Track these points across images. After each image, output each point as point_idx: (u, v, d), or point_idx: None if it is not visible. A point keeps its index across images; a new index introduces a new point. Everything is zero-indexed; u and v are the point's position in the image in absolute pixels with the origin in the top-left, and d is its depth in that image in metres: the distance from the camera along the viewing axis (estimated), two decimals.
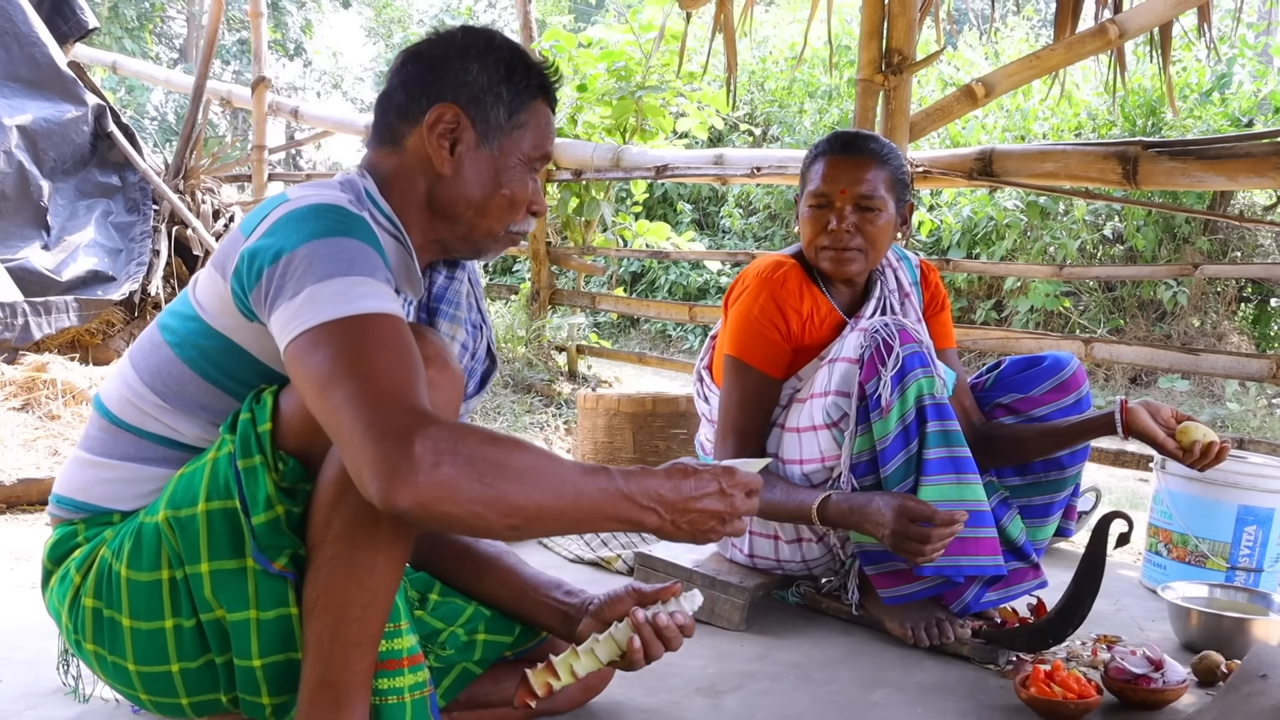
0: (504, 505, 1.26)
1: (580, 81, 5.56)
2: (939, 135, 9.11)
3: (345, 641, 1.43)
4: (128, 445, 1.59)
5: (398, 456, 1.21)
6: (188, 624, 1.50)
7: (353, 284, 1.35)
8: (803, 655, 2.24)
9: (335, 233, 1.40)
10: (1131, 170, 3.33)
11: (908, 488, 2.15)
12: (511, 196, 1.62)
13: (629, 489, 1.36)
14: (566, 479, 1.32)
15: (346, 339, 1.30)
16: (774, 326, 2.32)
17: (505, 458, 1.27)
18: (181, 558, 1.46)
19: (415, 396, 1.28)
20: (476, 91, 1.60)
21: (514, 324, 5.25)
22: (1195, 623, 2.35)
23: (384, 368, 1.29)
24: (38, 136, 4.68)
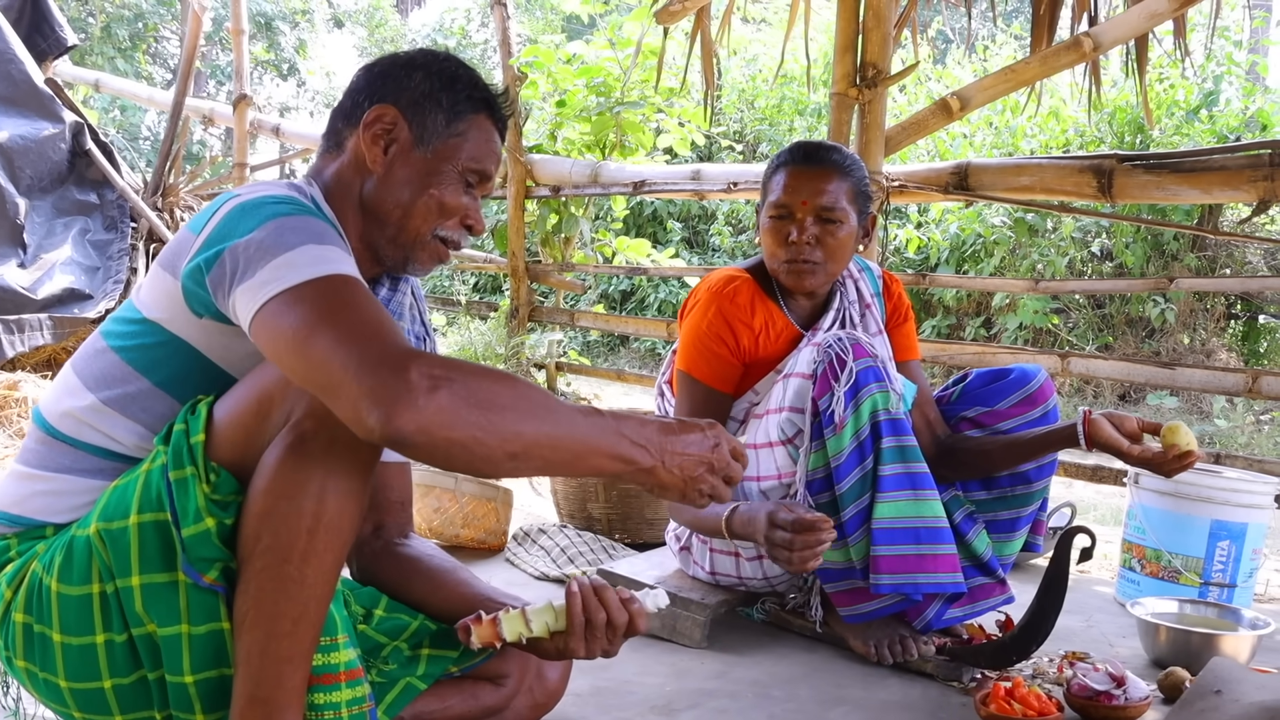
0: (503, 431, 1.25)
1: (559, 97, 5.55)
2: (929, 151, 9.12)
3: (276, 656, 1.40)
4: (63, 457, 1.56)
5: (396, 383, 1.20)
6: (119, 639, 1.46)
7: (325, 250, 1.35)
8: (763, 673, 2.21)
9: (297, 213, 1.41)
10: (1107, 184, 3.31)
11: (864, 505, 2.12)
12: (440, 199, 1.60)
13: (621, 427, 1.36)
14: (561, 411, 1.32)
15: (324, 294, 1.30)
16: (722, 342, 2.29)
17: (501, 387, 1.27)
18: (112, 571, 1.43)
19: (400, 337, 1.28)
20: (417, 96, 1.61)
21: (493, 341, 5.22)
22: (1164, 639, 2.32)
23: (367, 315, 1.28)
24: (14, 154, 4.67)
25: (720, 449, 1.45)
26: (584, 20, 13.70)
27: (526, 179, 5.35)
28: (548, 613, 1.53)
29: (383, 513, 1.87)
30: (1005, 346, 3.98)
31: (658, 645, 2.36)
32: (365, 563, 1.85)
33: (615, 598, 1.54)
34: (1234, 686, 1.52)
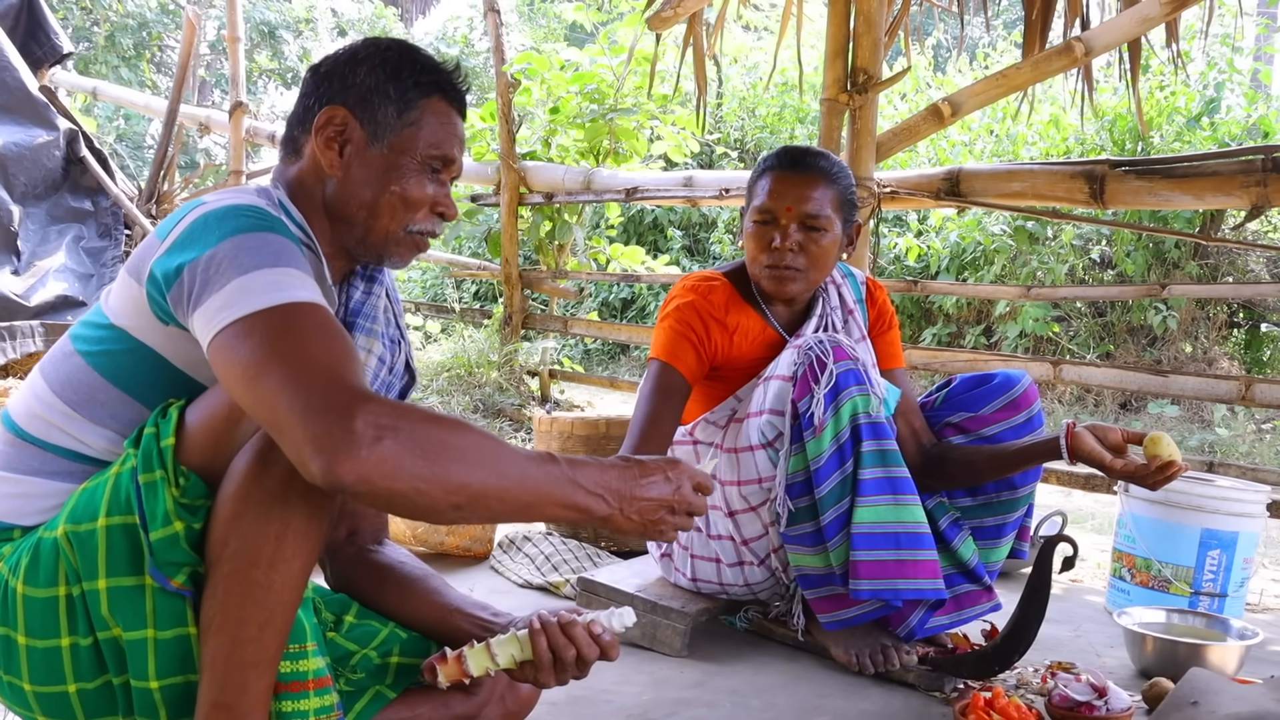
0: (448, 482, 1.23)
1: (554, 104, 5.54)
2: (930, 159, 9.10)
3: (241, 662, 1.38)
4: (32, 459, 1.55)
5: (339, 431, 1.19)
6: (84, 643, 1.45)
7: (281, 274, 1.33)
8: (743, 682, 2.18)
9: (257, 229, 1.38)
10: (1099, 189, 3.29)
11: (843, 509, 2.10)
12: (403, 194, 1.59)
13: (576, 475, 1.34)
14: (511, 461, 1.29)
15: (278, 325, 1.28)
16: (690, 329, 2.26)
17: (448, 436, 1.24)
18: (79, 574, 1.41)
19: (353, 376, 1.26)
20: (364, 92, 1.59)
21: (486, 349, 5.21)
22: (1150, 649, 2.29)
23: (318, 351, 1.26)
24: (8, 161, 4.67)
25: (682, 490, 1.43)
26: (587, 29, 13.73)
27: (520, 186, 5.34)
28: (513, 644, 1.50)
29: (357, 518, 1.85)
30: (998, 354, 3.95)
31: (638, 654, 2.34)
32: (338, 568, 1.83)
33: (583, 634, 1.51)
34: (1211, 697, 1.49)
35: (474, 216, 5.70)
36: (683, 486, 1.42)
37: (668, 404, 2.25)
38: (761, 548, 2.30)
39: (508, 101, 5.16)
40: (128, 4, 16.20)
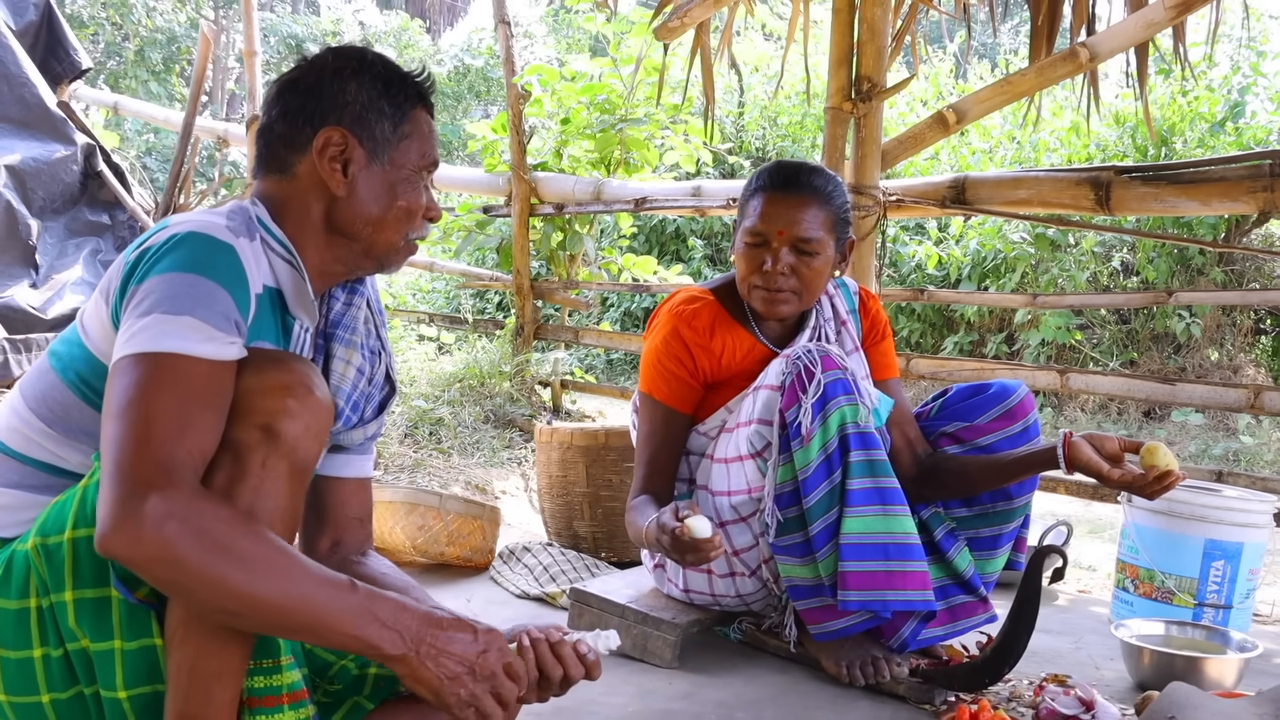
0: (220, 586, 1.26)
1: (565, 115, 5.56)
2: (952, 166, 9.05)
3: (204, 674, 1.39)
4: (12, 472, 1.57)
5: (129, 505, 1.23)
6: (56, 654, 1.46)
7: (173, 322, 1.35)
8: (731, 694, 2.17)
9: (189, 268, 1.40)
10: (1104, 196, 3.26)
11: (832, 520, 2.08)
12: (408, 207, 1.63)
13: (374, 608, 1.35)
14: (299, 582, 1.31)
15: (141, 376, 1.31)
16: (679, 363, 2.27)
17: (237, 541, 1.27)
18: (48, 586, 1.43)
19: (178, 451, 1.29)
20: (359, 110, 1.60)
21: (498, 359, 5.22)
22: (1147, 662, 2.26)
23: (161, 414, 1.29)
24: (26, 176, 4.73)
25: (487, 656, 1.42)
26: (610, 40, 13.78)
27: (531, 197, 5.35)
28: None
29: (340, 529, 1.86)
30: (1005, 364, 3.92)
31: (628, 665, 2.33)
32: None
33: (570, 654, 1.52)
34: (1190, 712, 1.47)
35: (486, 228, 5.72)
36: (488, 653, 1.41)
37: (667, 440, 2.30)
38: (752, 558, 2.28)
39: (518, 113, 5.18)
40: (157, 19, 16.41)
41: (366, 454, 1.88)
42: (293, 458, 1.39)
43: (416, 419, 4.66)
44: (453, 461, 4.38)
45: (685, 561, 1.90)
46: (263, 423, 1.37)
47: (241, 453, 1.36)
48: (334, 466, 1.83)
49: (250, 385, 1.38)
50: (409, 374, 5.38)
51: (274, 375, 1.40)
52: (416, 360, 5.60)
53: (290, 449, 1.39)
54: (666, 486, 2.31)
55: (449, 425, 4.69)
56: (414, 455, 4.31)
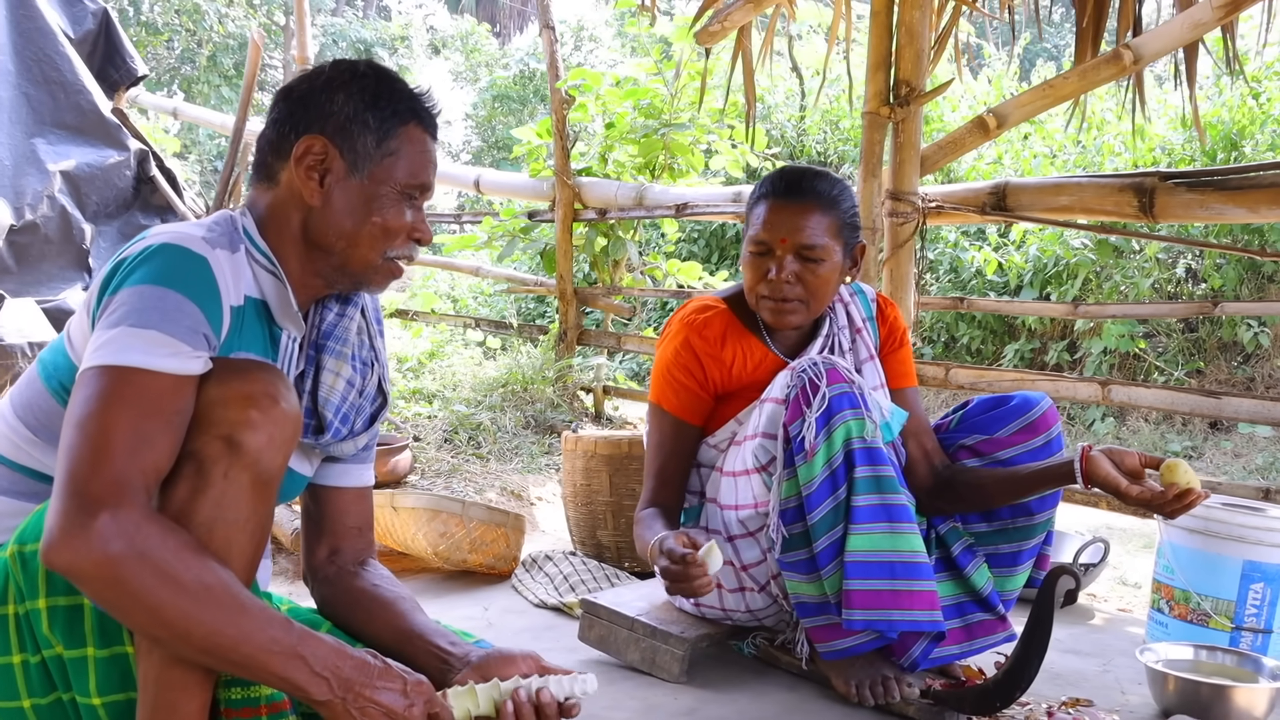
0: (156, 612, 1.28)
1: (609, 120, 5.54)
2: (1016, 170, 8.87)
3: (170, 685, 1.39)
4: (1, 479, 1.58)
5: (78, 519, 1.25)
6: (34, 660, 1.47)
7: (137, 335, 1.35)
8: (735, 711, 2.13)
9: (159, 280, 1.41)
10: (1148, 203, 3.16)
11: (837, 537, 2.03)
12: (384, 224, 1.60)
13: (306, 651, 1.36)
14: (237, 618, 1.32)
15: (101, 389, 1.32)
16: (689, 374, 2.24)
17: (182, 570, 1.28)
18: (24, 592, 1.44)
19: (131, 469, 1.30)
20: (342, 121, 1.59)
21: (541, 364, 5.21)
22: (1173, 688, 2.18)
23: (115, 429, 1.30)
24: (81, 181, 4.83)
25: (413, 710, 1.43)
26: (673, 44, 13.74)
27: (574, 202, 5.34)
28: (495, 690, 1.53)
29: (338, 538, 1.85)
30: (1045, 374, 3.80)
31: (635, 679, 2.30)
32: (319, 588, 1.84)
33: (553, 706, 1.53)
34: None
35: (530, 233, 5.72)
36: (415, 706, 1.43)
37: (676, 451, 2.27)
38: (761, 573, 2.24)
39: (562, 118, 5.17)
40: (229, 25, 16.72)
41: (364, 463, 1.87)
42: (255, 469, 1.38)
43: (456, 424, 4.66)
44: (490, 467, 4.37)
45: (672, 590, 1.87)
46: (225, 434, 1.37)
47: (204, 464, 1.36)
48: (330, 476, 1.83)
49: (213, 396, 1.38)
50: (454, 378, 5.40)
51: (237, 385, 1.39)
52: (462, 365, 5.61)
53: (253, 460, 1.38)
54: (675, 499, 2.27)
55: (489, 430, 4.68)
56: (451, 461, 4.31)
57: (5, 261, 4.57)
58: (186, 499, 1.35)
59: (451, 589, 3.03)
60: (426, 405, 4.95)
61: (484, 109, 18.82)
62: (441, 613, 2.73)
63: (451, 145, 21.27)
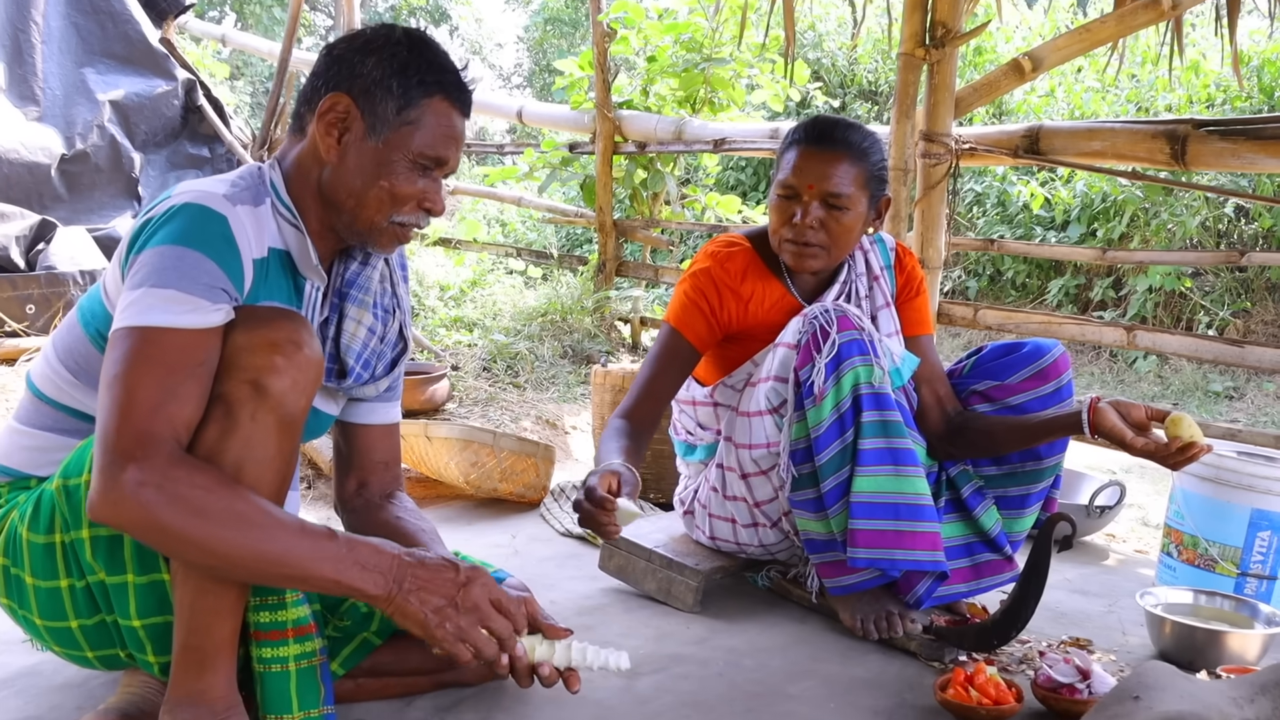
0: (199, 544, 1.37)
1: (650, 54, 5.54)
2: (1069, 106, 8.73)
3: (203, 610, 1.50)
4: (46, 417, 1.70)
5: (110, 474, 1.35)
6: (79, 584, 1.60)
7: (158, 295, 1.44)
8: (744, 641, 2.23)
9: (180, 240, 1.49)
10: (1180, 150, 3.15)
11: (843, 478, 2.11)
12: (391, 190, 1.65)
13: (353, 554, 1.45)
14: (276, 536, 1.41)
15: (123, 349, 1.42)
16: (704, 297, 2.29)
17: (213, 503, 1.37)
18: (69, 522, 1.56)
19: (156, 422, 1.39)
20: (369, 84, 1.64)
21: (580, 295, 5.29)
22: (1168, 632, 2.24)
23: (140, 387, 1.39)
24: (129, 110, 4.95)
25: (470, 590, 1.51)
26: None
27: (615, 135, 5.37)
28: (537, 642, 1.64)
29: (365, 472, 1.96)
30: (1072, 318, 3.81)
31: (652, 608, 2.41)
32: (348, 518, 1.96)
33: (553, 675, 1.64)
34: (1156, 693, 1.47)
35: (570, 165, 5.77)
36: (471, 587, 1.51)
37: (670, 368, 2.30)
38: (774, 510, 2.33)
39: (603, 51, 5.18)
40: None
41: (390, 402, 1.96)
42: (280, 411, 1.48)
43: (495, 353, 4.77)
44: (526, 396, 4.48)
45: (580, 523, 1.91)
46: (251, 378, 1.46)
47: (232, 407, 1.46)
48: (357, 414, 1.93)
49: (240, 342, 1.47)
50: (494, 307, 5.50)
51: (262, 332, 1.48)
52: (503, 293, 5.71)
53: (277, 403, 1.47)
54: (650, 415, 2.29)
55: (526, 359, 4.79)
56: (489, 389, 4.42)
57: (57, 190, 4.71)
58: (216, 440, 1.45)
59: (482, 516, 3.15)
60: (467, 334, 5.06)
61: (536, 31, 18.70)
62: (470, 539, 2.87)
63: (503, 68, 21.18)
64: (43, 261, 4.23)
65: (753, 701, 1.94)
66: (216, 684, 1.52)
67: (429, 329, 5.11)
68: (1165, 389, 7.36)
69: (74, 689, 1.87)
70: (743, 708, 1.91)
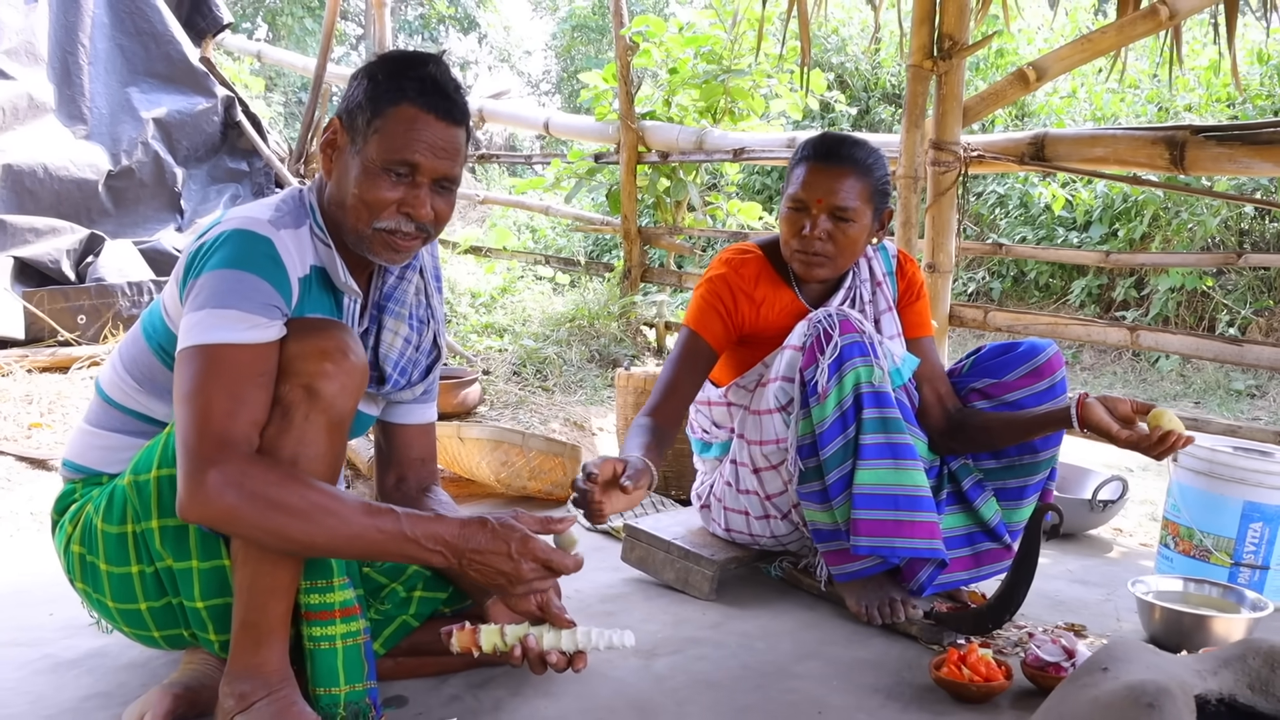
0: (281, 536, 1.54)
1: (672, 65, 5.70)
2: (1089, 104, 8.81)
3: (260, 590, 1.67)
4: (115, 419, 1.88)
5: (194, 481, 1.51)
6: (149, 570, 1.77)
7: (220, 316, 1.60)
8: (756, 626, 2.38)
9: (232, 264, 1.65)
10: (1179, 156, 3.27)
11: (846, 471, 2.26)
12: (361, 196, 1.74)
13: (413, 532, 1.61)
14: (347, 521, 1.57)
15: (195, 367, 1.58)
16: (720, 300, 2.44)
17: (286, 497, 1.53)
18: (139, 514, 1.73)
19: (231, 428, 1.55)
20: (350, 104, 1.78)
21: (606, 300, 5.46)
22: (1158, 618, 2.37)
23: (214, 399, 1.55)
24: (172, 127, 5.16)
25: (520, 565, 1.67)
26: None
27: (638, 145, 5.54)
28: (523, 629, 1.80)
29: (404, 467, 2.12)
30: (1077, 318, 3.94)
31: (669, 595, 2.56)
32: None
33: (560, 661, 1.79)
34: (1123, 665, 1.60)
35: (595, 174, 5.94)
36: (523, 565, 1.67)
37: (690, 369, 2.45)
38: (784, 503, 2.47)
39: (626, 64, 5.35)
40: None
41: (426, 404, 2.12)
42: (330, 413, 1.65)
43: (525, 357, 4.94)
44: (555, 399, 4.65)
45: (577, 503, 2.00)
46: (305, 383, 1.62)
47: (288, 409, 1.62)
48: (396, 415, 2.09)
49: (294, 351, 1.64)
50: (524, 313, 5.67)
51: (314, 341, 1.65)
52: (532, 299, 5.88)
53: (328, 405, 1.64)
54: (674, 414, 2.42)
55: (555, 364, 4.95)
56: (519, 393, 4.59)
57: (104, 205, 4.92)
58: (274, 437, 1.61)
59: None
60: (497, 339, 5.23)
61: (563, 38, 18.91)
62: None
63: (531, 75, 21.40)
64: (92, 274, 4.43)
65: (762, 680, 2.09)
66: (271, 658, 1.69)
67: (461, 335, 5.29)
68: (1187, 388, 7.44)
69: (138, 668, 2.05)
70: (752, 685, 2.06)
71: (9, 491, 3.12)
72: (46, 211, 4.70)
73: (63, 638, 2.18)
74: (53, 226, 4.54)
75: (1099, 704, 1.56)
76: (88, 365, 4.05)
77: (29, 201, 4.71)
